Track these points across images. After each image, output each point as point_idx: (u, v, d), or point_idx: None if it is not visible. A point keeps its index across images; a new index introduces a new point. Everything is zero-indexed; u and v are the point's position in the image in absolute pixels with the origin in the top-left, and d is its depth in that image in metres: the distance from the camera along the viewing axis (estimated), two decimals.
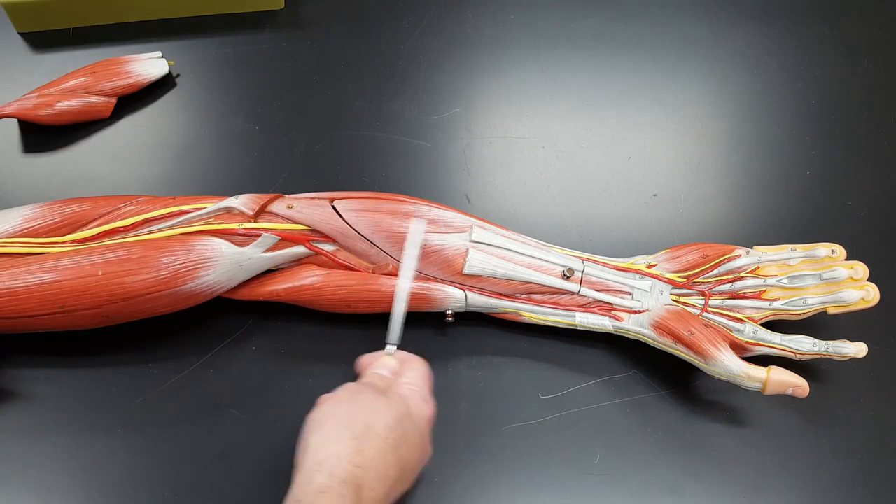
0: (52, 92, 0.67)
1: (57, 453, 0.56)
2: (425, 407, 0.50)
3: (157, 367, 0.60)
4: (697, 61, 0.77)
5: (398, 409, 0.48)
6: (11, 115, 0.66)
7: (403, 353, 0.54)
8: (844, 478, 0.59)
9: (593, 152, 0.72)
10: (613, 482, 0.58)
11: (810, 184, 0.71)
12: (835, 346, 0.58)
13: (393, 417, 0.47)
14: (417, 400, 0.50)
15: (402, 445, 0.46)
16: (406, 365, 0.53)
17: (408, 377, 0.51)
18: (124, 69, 0.69)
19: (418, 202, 0.60)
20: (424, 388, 0.51)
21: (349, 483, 0.42)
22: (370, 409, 0.47)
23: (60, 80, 0.68)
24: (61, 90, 0.67)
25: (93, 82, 0.68)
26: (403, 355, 0.54)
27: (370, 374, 0.52)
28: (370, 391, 0.48)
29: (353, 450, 0.44)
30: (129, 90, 0.69)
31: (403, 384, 0.51)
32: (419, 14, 0.77)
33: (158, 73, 0.70)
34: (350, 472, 0.43)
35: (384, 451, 0.45)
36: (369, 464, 0.44)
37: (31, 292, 0.53)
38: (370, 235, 0.58)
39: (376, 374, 0.52)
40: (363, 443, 0.45)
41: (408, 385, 0.51)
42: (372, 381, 0.51)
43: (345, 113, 0.72)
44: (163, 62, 0.71)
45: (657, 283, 0.61)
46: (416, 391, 0.50)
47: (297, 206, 0.59)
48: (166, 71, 0.71)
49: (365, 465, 0.44)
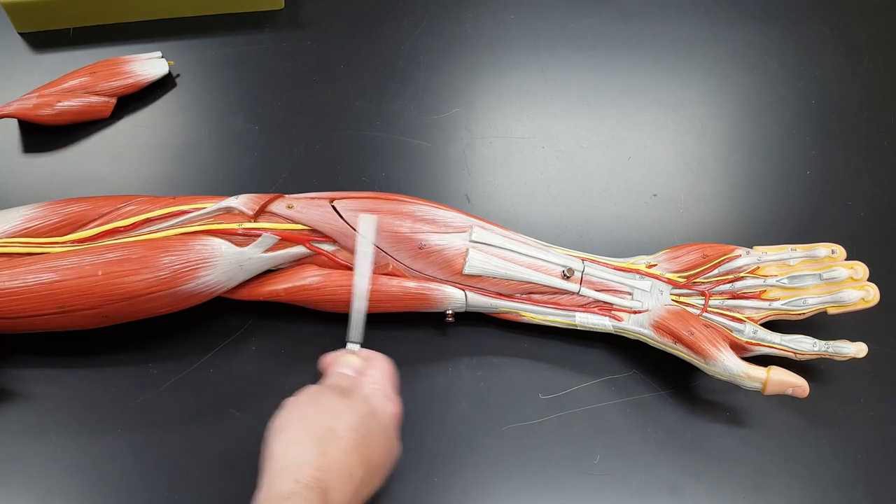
0: (52, 92, 0.67)
1: (57, 453, 0.56)
2: (389, 405, 0.50)
3: (157, 367, 0.60)
4: (697, 61, 0.77)
5: (361, 408, 0.47)
6: (11, 115, 0.66)
7: (366, 351, 0.54)
8: (844, 478, 0.59)
9: (593, 152, 0.72)
10: (613, 482, 0.58)
11: (810, 184, 0.71)
12: (835, 346, 0.58)
13: (356, 418, 0.46)
14: (381, 398, 0.50)
15: (366, 445, 0.46)
16: (370, 363, 0.52)
17: (371, 375, 0.51)
18: (124, 69, 0.69)
19: (418, 202, 0.60)
20: (388, 386, 0.51)
21: (314, 487, 0.42)
22: (332, 410, 0.47)
23: (60, 80, 0.68)
24: (61, 90, 0.67)
25: (93, 82, 0.68)
26: (366, 353, 0.53)
27: (333, 373, 0.52)
28: (331, 392, 0.48)
29: (317, 453, 0.44)
30: (129, 90, 0.69)
31: (367, 383, 0.50)
32: (419, 14, 0.77)
33: (158, 73, 0.70)
34: (314, 476, 0.43)
35: (348, 452, 0.45)
36: (333, 466, 0.44)
37: (31, 292, 0.53)
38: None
39: (339, 373, 0.51)
40: (326, 445, 0.44)
41: (371, 384, 0.50)
42: (335, 381, 0.50)
43: (345, 113, 0.72)
44: (163, 62, 0.71)
45: (657, 283, 0.61)
46: (380, 389, 0.50)
47: (297, 206, 0.59)
48: (166, 71, 0.71)
49: (329, 467, 0.44)
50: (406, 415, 0.58)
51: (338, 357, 0.53)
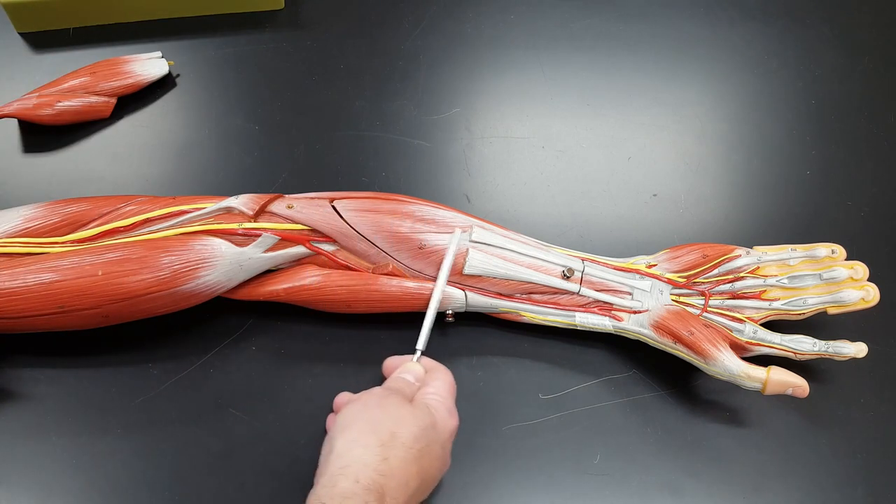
0: (52, 92, 0.67)
1: (57, 453, 0.56)
2: (450, 419, 0.50)
3: (157, 367, 0.59)
4: (697, 61, 0.77)
5: (424, 419, 0.47)
6: (11, 115, 0.66)
7: (430, 361, 0.54)
8: (844, 478, 0.59)
9: (593, 152, 0.72)
10: (613, 482, 0.58)
11: (810, 184, 0.71)
12: (835, 346, 0.58)
13: (419, 427, 0.46)
14: (443, 412, 0.50)
15: (424, 457, 0.46)
16: (432, 374, 0.52)
17: (434, 387, 0.51)
18: (124, 69, 0.69)
19: (418, 202, 0.60)
20: (450, 400, 0.51)
21: (373, 490, 0.42)
22: (397, 416, 0.47)
23: (60, 80, 0.68)
24: (61, 90, 0.67)
25: (93, 82, 0.68)
26: (430, 363, 0.54)
27: (396, 378, 0.52)
28: (397, 398, 0.48)
29: (379, 457, 0.44)
30: (129, 90, 0.69)
31: (429, 394, 0.50)
32: (419, 14, 0.77)
33: (158, 73, 0.70)
34: (375, 479, 0.43)
35: (408, 460, 0.45)
36: (393, 472, 0.44)
37: (31, 292, 0.53)
38: (370, 235, 0.58)
39: (402, 378, 0.52)
40: (389, 451, 0.44)
41: (433, 395, 0.50)
42: (398, 386, 0.51)
43: (345, 113, 0.72)
44: (163, 62, 0.71)
45: (657, 283, 0.61)
46: (442, 402, 0.50)
47: (297, 206, 0.59)
48: (166, 71, 0.71)
49: (389, 473, 0.44)
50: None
51: (400, 363, 0.53)
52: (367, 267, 0.59)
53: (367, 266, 0.59)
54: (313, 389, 0.59)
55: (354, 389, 0.60)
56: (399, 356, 0.55)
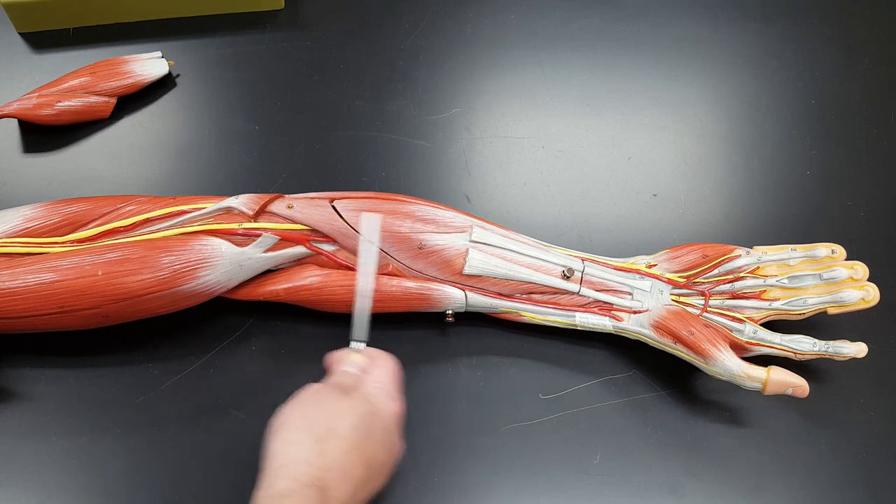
0: (52, 92, 0.67)
1: (57, 453, 0.56)
2: (392, 404, 0.50)
3: (157, 367, 0.60)
4: (697, 61, 0.77)
5: (362, 407, 0.47)
6: (11, 115, 0.66)
7: (372, 350, 0.53)
8: (844, 478, 0.59)
9: (593, 152, 0.72)
10: (613, 482, 0.58)
11: (810, 184, 0.71)
12: (835, 346, 0.58)
13: (356, 417, 0.46)
14: (384, 397, 0.50)
15: (367, 444, 0.46)
16: (374, 362, 0.52)
17: (375, 374, 0.51)
18: (124, 69, 0.69)
19: (418, 202, 0.60)
20: (392, 385, 0.51)
21: (312, 486, 0.42)
22: (332, 409, 0.47)
23: (60, 80, 0.68)
24: (61, 90, 0.67)
25: (93, 82, 0.68)
26: (372, 352, 0.53)
27: (337, 372, 0.51)
28: (332, 391, 0.48)
29: (316, 452, 0.44)
30: (129, 90, 0.69)
31: (370, 382, 0.50)
32: (419, 14, 0.77)
33: (158, 73, 0.70)
34: (312, 474, 0.43)
35: (348, 451, 0.45)
36: (333, 465, 0.44)
37: (31, 292, 0.53)
38: None
39: (343, 371, 0.51)
40: (326, 444, 0.44)
41: (374, 383, 0.50)
42: (338, 379, 0.50)
43: (345, 113, 0.72)
44: (163, 62, 0.71)
45: (657, 283, 0.61)
46: (383, 388, 0.50)
47: (297, 206, 0.59)
48: (166, 71, 0.71)
49: (328, 466, 0.44)
50: (406, 415, 0.58)
51: (342, 355, 0.53)
52: None
53: None
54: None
55: None
56: (340, 350, 0.54)
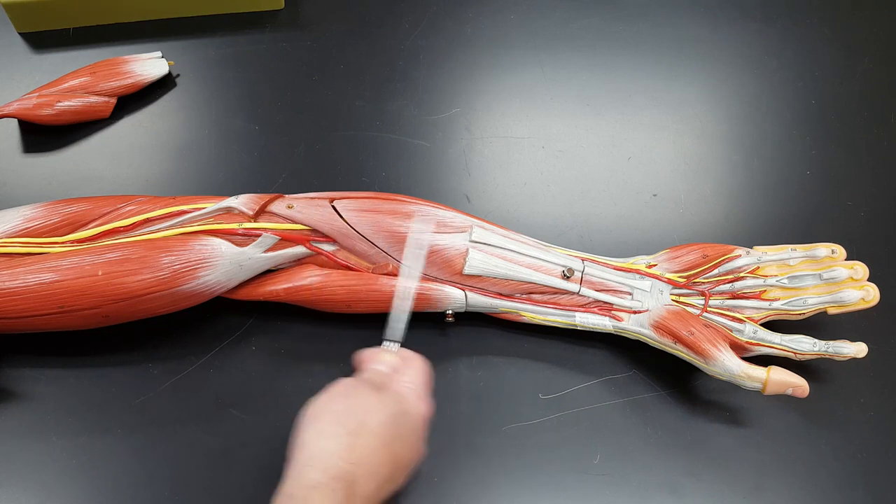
0: (52, 92, 0.67)
1: (57, 453, 0.56)
2: (422, 406, 0.50)
3: (157, 367, 0.60)
4: (697, 61, 0.77)
5: (393, 406, 0.48)
6: (11, 115, 0.66)
7: (405, 352, 0.54)
8: (844, 478, 0.59)
9: (593, 152, 0.72)
10: (613, 482, 0.58)
11: (810, 184, 0.71)
12: (835, 346, 0.58)
13: (388, 415, 0.47)
14: (414, 398, 0.50)
15: (395, 443, 0.46)
16: (407, 363, 0.52)
17: (406, 375, 0.51)
18: (124, 69, 0.69)
19: (418, 202, 0.60)
20: (422, 388, 0.51)
21: (341, 479, 0.43)
22: (365, 405, 0.47)
23: (60, 80, 0.68)
24: (61, 90, 0.67)
25: (93, 82, 0.68)
26: (405, 353, 0.54)
27: (369, 369, 0.52)
28: (365, 387, 0.48)
29: (346, 446, 0.44)
30: (129, 90, 0.69)
31: (401, 382, 0.51)
32: (419, 14, 0.77)
33: (158, 73, 0.70)
34: (342, 468, 0.43)
35: (377, 448, 0.45)
36: (362, 460, 0.44)
37: (31, 292, 0.53)
38: (370, 235, 0.58)
39: (374, 369, 0.52)
40: (357, 439, 0.45)
41: (406, 383, 0.50)
42: (369, 376, 0.51)
43: (345, 113, 0.72)
44: (163, 62, 0.71)
45: (657, 283, 0.61)
46: (414, 389, 0.50)
47: (297, 206, 0.59)
48: (166, 71, 0.71)
49: (357, 461, 0.44)
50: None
51: (375, 353, 0.53)
52: (367, 267, 0.59)
53: (367, 266, 0.59)
54: (313, 389, 0.59)
55: None
56: (373, 348, 0.55)
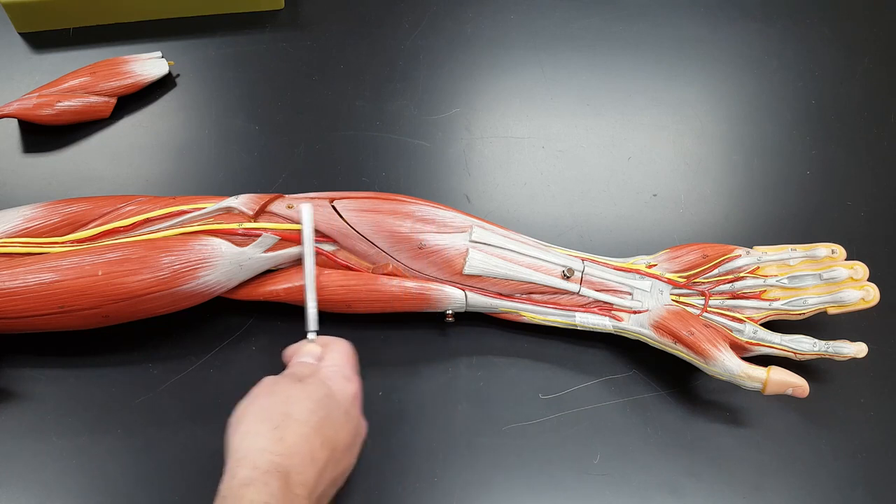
0: (52, 92, 0.67)
1: (57, 453, 0.56)
2: (348, 385, 0.50)
3: (157, 367, 0.60)
4: (697, 61, 0.77)
5: (317, 391, 0.48)
6: (11, 115, 0.66)
7: (325, 338, 0.54)
8: (844, 478, 0.59)
9: (593, 152, 0.72)
10: (613, 482, 0.58)
11: (810, 184, 0.71)
12: (835, 346, 0.58)
13: (312, 401, 0.47)
14: (339, 379, 0.50)
15: (327, 427, 0.46)
16: (328, 348, 0.53)
17: (329, 359, 0.51)
18: (124, 69, 0.69)
19: (418, 202, 0.60)
20: (346, 367, 0.51)
21: (272, 472, 0.42)
22: (287, 397, 0.47)
23: (60, 80, 0.68)
24: (61, 90, 0.67)
25: (93, 82, 0.68)
26: (325, 339, 0.54)
27: (293, 363, 0.52)
28: (286, 380, 0.49)
29: (274, 439, 0.44)
30: (129, 90, 0.69)
31: (325, 367, 0.51)
32: (419, 14, 0.77)
33: (158, 73, 0.70)
34: (272, 461, 0.43)
35: (307, 435, 0.45)
36: (293, 450, 0.44)
37: (31, 292, 0.53)
38: (370, 235, 0.58)
39: (300, 362, 0.52)
40: (284, 431, 0.45)
41: (329, 367, 0.51)
42: (293, 370, 0.51)
43: (345, 113, 0.72)
44: (163, 62, 0.71)
45: (657, 283, 0.61)
46: (338, 371, 0.51)
47: (297, 206, 0.59)
48: (166, 71, 0.71)
49: (288, 452, 0.44)
50: (406, 415, 0.58)
51: (297, 348, 0.53)
52: (367, 267, 0.59)
53: (367, 266, 0.59)
54: None
55: None
56: (295, 343, 0.55)
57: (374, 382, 0.60)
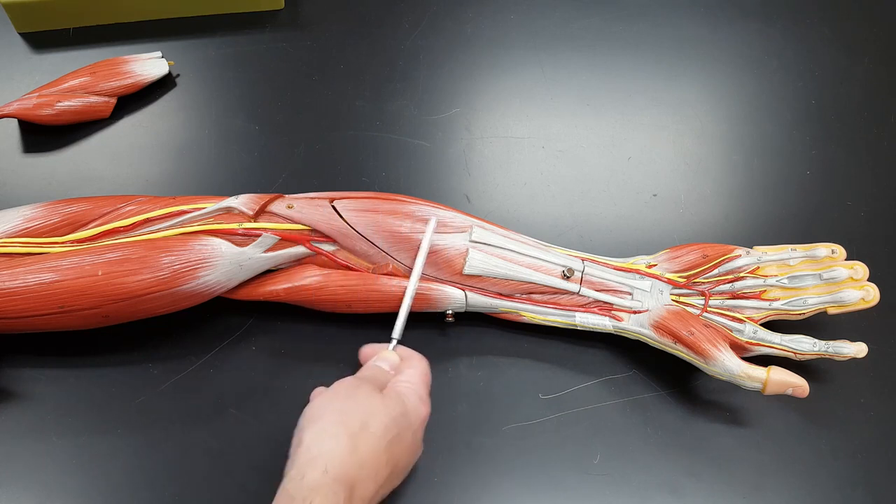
0: (52, 92, 0.67)
1: (57, 453, 0.56)
2: (422, 407, 0.50)
3: (157, 367, 0.60)
4: (697, 61, 0.77)
5: (395, 408, 0.47)
6: (11, 115, 0.66)
7: (405, 350, 0.54)
8: (844, 478, 0.59)
9: (593, 152, 0.72)
10: (613, 482, 0.58)
11: (810, 184, 0.71)
12: (835, 346, 0.58)
13: (389, 417, 0.46)
14: (415, 399, 0.49)
15: (395, 445, 0.46)
16: (407, 362, 0.52)
17: (407, 375, 0.51)
18: (124, 69, 0.69)
19: (418, 202, 0.60)
20: (422, 388, 0.51)
21: (342, 481, 0.42)
22: (367, 406, 0.47)
23: (60, 80, 0.68)
24: (61, 90, 0.67)
25: (93, 82, 0.68)
26: (405, 352, 0.54)
27: (370, 366, 0.52)
28: (367, 387, 0.48)
29: (349, 448, 0.44)
30: (129, 90, 0.69)
31: (402, 381, 0.50)
32: (419, 14, 0.77)
33: (158, 73, 0.70)
34: (344, 470, 0.43)
35: (378, 450, 0.45)
36: (363, 463, 0.44)
37: (31, 292, 0.53)
38: (370, 235, 0.58)
39: (376, 366, 0.51)
40: (359, 441, 0.44)
41: (406, 383, 0.50)
42: (371, 374, 0.51)
43: (345, 113, 0.72)
44: (163, 62, 0.71)
45: (657, 283, 0.61)
46: (414, 390, 0.50)
47: (297, 206, 0.59)
48: (166, 71, 0.71)
49: (359, 464, 0.44)
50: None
51: (375, 350, 0.53)
52: (367, 267, 0.59)
53: (367, 266, 0.59)
54: (313, 389, 0.59)
55: None
56: (376, 344, 0.55)
57: None
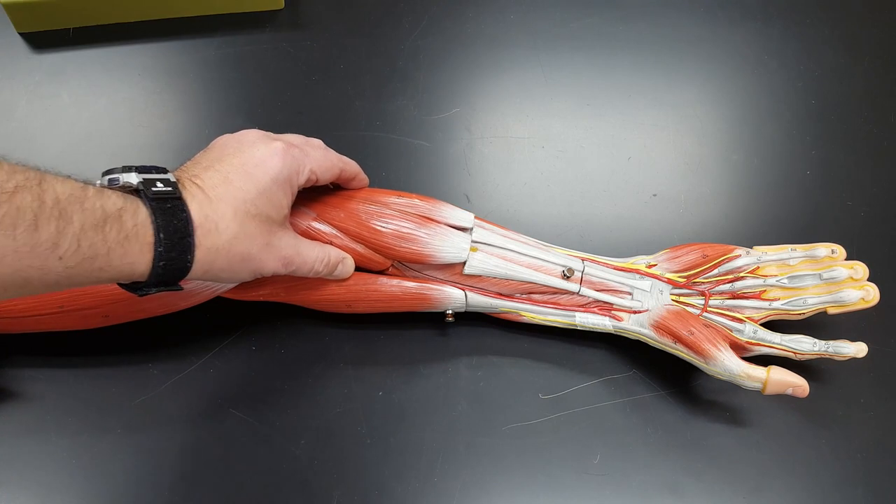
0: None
1: (57, 453, 0.56)
2: None
3: (157, 367, 0.60)
4: (697, 61, 0.77)
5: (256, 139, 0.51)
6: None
7: None
8: (844, 478, 0.59)
9: (593, 152, 0.72)
10: (613, 482, 0.58)
11: (810, 184, 0.71)
12: (835, 346, 0.58)
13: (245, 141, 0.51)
14: None
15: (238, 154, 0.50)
16: None
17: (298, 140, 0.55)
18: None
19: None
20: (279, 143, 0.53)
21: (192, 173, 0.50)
22: None
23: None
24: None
25: None
26: None
27: None
28: None
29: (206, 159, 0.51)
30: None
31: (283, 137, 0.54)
32: (419, 14, 0.77)
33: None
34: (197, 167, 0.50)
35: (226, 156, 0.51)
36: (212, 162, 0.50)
37: None
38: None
39: None
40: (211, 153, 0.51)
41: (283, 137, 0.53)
42: None
43: (345, 113, 0.72)
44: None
45: (657, 282, 0.61)
46: None
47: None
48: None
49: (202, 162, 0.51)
50: (406, 415, 0.58)
51: None
52: (369, 264, 0.59)
53: (367, 266, 0.59)
54: (313, 389, 0.59)
55: (355, 390, 0.60)
56: None
57: (374, 382, 0.60)
